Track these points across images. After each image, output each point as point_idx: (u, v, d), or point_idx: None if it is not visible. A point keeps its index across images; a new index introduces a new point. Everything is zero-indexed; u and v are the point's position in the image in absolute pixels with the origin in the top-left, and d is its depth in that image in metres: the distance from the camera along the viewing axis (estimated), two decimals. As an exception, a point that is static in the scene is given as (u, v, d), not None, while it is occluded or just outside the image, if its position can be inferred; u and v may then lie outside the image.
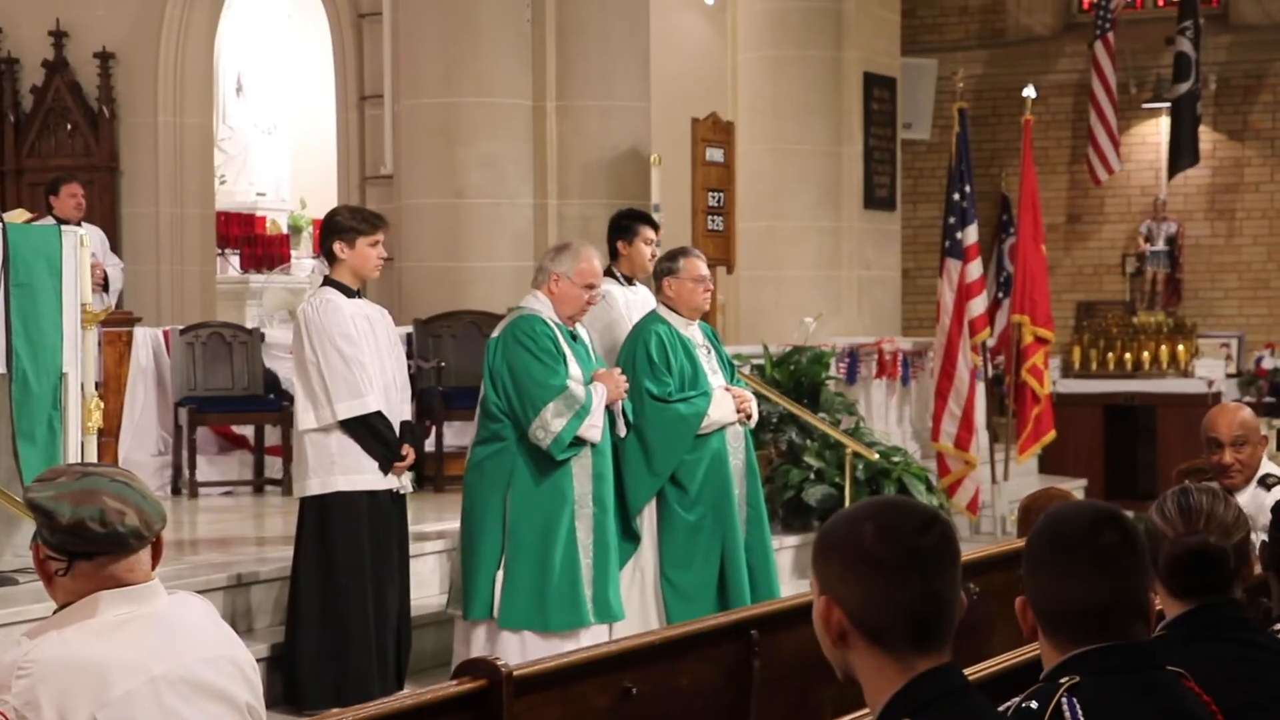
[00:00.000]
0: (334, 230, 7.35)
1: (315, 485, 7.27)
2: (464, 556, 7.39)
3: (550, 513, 7.30)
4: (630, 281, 8.36)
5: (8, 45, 14.49)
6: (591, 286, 7.46)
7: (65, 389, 7.36)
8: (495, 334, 7.45)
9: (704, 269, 8.06)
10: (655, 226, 8.53)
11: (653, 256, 8.38)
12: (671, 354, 7.82)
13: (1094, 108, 16.67)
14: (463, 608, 7.36)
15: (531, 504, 7.29)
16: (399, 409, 7.42)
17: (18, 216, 7.65)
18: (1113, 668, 2.92)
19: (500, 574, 7.26)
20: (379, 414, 7.25)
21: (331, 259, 7.38)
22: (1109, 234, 18.19)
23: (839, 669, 2.74)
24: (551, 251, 7.63)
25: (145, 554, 3.32)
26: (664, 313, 7.98)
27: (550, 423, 7.21)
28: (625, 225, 8.37)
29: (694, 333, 8.02)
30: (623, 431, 7.63)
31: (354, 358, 7.20)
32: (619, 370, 7.65)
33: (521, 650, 7.05)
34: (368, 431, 7.24)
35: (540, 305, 7.40)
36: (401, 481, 7.43)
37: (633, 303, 8.34)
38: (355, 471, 7.26)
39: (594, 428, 7.32)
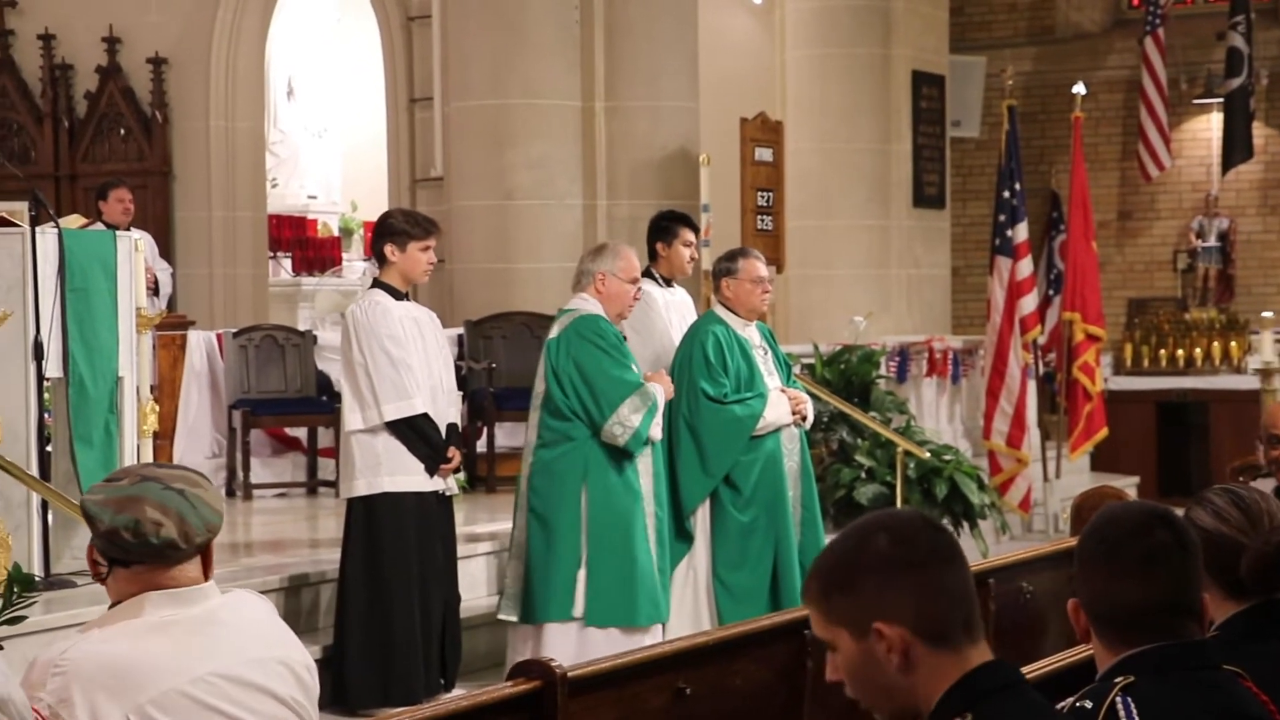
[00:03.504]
0: (386, 233, 7.38)
1: (362, 486, 7.30)
2: (535, 559, 7.35)
3: (627, 508, 7.36)
4: (669, 283, 8.37)
5: (62, 52, 14.60)
6: (635, 281, 7.52)
7: (121, 392, 7.43)
8: (553, 335, 7.45)
9: (763, 270, 8.04)
10: (695, 229, 8.53)
11: (691, 259, 8.39)
12: (729, 355, 7.82)
13: (1144, 104, 16.59)
14: (529, 611, 7.34)
15: (609, 500, 7.32)
16: (446, 412, 7.44)
17: (73, 222, 7.72)
18: (1168, 667, 2.91)
19: (582, 573, 7.28)
20: (425, 416, 7.27)
21: (382, 261, 7.41)
22: (1160, 230, 18.08)
23: (890, 713, 2.64)
24: (590, 254, 7.66)
25: (190, 563, 3.30)
26: (721, 313, 7.97)
27: (628, 418, 7.25)
28: (665, 226, 8.37)
29: (751, 333, 8.02)
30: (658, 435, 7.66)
31: (401, 360, 7.23)
32: (663, 372, 7.70)
33: (609, 649, 7.03)
34: (414, 433, 7.26)
35: (592, 307, 7.42)
36: (448, 483, 7.45)
37: (671, 304, 8.35)
38: (401, 472, 7.28)
39: (658, 425, 7.41)
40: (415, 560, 7.30)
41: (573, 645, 7.17)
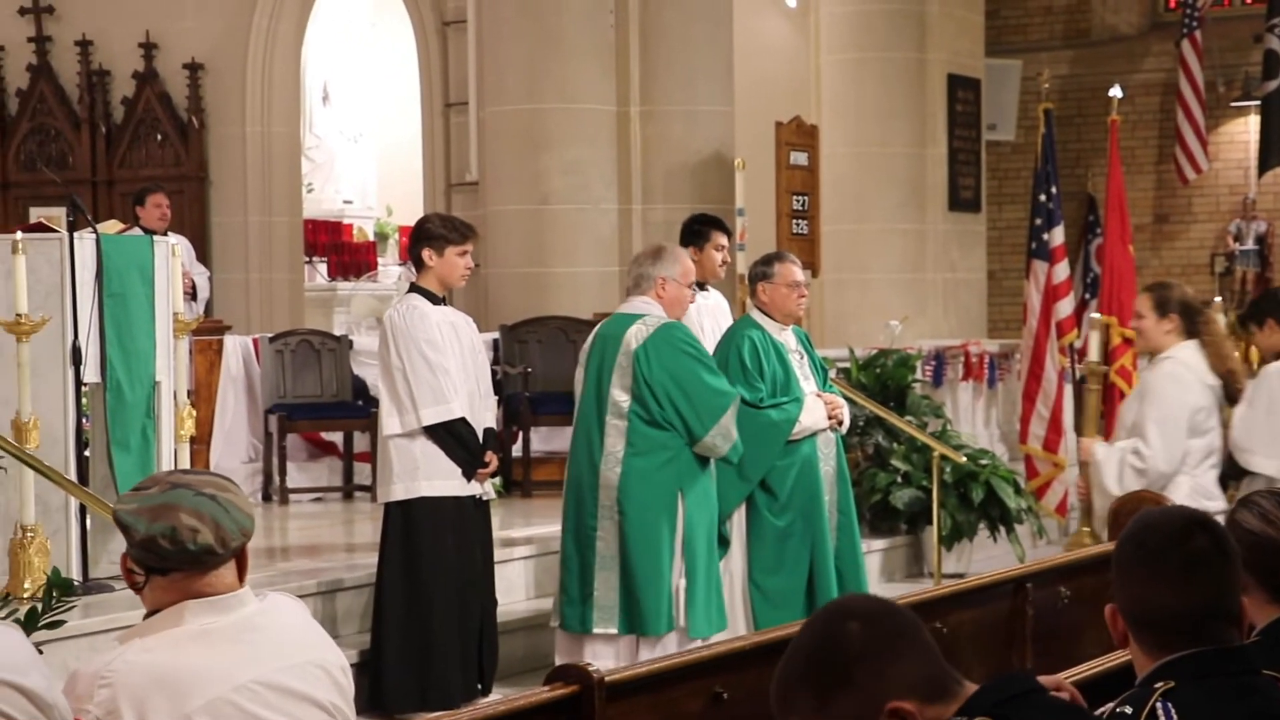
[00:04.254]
0: (424, 237, 7.39)
1: (400, 491, 7.31)
2: (635, 570, 7.25)
3: (712, 519, 7.41)
4: (702, 287, 8.35)
5: (99, 58, 14.68)
6: (691, 286, 7.58)
7: (158, 397, 7.46)
8: (636, 345, 7.28)
9: (799, 274, 8.01)
10: (728, 232, 8.50)
11: (724, 263, 8.37)
12: (764, 359, 7.80)
13: (1181, 107, 16.53)
14: (637, 623, 7.26)
15: (702, 512, 7.35)
16: (483, 416, 7.45)
17: (110, 227, 7.76)
18: (1208, 672, 2.90)
19: (681, 583, 7.26)
20: (463, 420, 7.28)
21: (419, 265, 7.42)
22: (1197, 234, 18.02)
23: None
24: (648, 258, 7.56)
25: (226, 568, 3.29)
26: (757, 317, 7.94)
27: (730, 429, 7.30)
28: (697, 230, 8.36)
29: (787, 338, 7.99)
30: None
31: (439, 364, 7.24)
32: None
33: None
34: (452, 438, 7.27)
35: (659, 311, 7.38)
36: (485, 488, 7.45)
37: (704, 309, 8.34)
38: (439, 477, 7.29)
39: None
40: (453, 565, 7.30)
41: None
